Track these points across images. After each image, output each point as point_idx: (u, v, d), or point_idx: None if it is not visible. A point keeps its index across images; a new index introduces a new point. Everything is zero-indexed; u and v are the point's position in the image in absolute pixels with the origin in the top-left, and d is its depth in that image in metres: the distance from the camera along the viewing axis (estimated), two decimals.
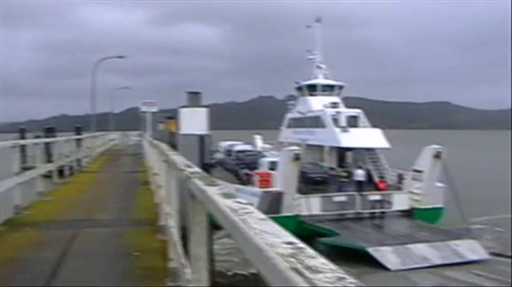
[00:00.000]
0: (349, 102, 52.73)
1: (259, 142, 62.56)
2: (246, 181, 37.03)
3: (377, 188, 35.34)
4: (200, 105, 20.83)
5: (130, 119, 75.67)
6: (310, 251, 1.45)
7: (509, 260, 28.10)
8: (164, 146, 10.13)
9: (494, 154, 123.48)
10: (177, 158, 5.81)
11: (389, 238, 28.99)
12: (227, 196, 2.57)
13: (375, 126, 44.68)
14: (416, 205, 33.73)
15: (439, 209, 33.73)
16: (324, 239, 28.61)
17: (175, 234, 6.58)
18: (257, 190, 32.44)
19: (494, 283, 23.24)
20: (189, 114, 20.42)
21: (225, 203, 2.37)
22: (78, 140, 29.48)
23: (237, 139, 63.06)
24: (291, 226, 27.61)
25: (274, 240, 1.58)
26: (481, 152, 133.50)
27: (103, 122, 71.88)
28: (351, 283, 1.18)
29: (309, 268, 1.27)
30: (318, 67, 53.74)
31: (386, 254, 25.79)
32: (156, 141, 16.49)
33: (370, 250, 26.04)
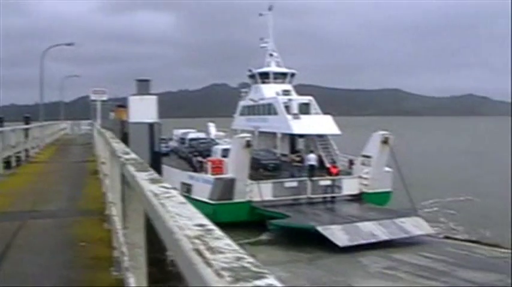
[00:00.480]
0: (302, 90, 53.33)
1: (213, 130, 62.95)
2: (199, 168, 36.99)
3: (329, 173, 35.80)
4: (150, 93, 20.73)
5: (82, 108, 74.47)
6: (218, 232, 1.44)
7: (459, 242, 29.02)
8: (108, 134, 9.97)
9: (443, 140, 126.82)
10: (117, 146, 5.70)
11: (339, 218, 29.81)
12: (154, 181, 2.53)
13: (326, 113, 44.90)
14: (365, 189, 34.55)
15: (387, 193, 34.78)
16: (275, 221, 29.67)
17: (118, 222, 6.48)
18: (210, 176, 32.55)
19: (442, 264, 23.82)
20: (138, 102, 20.20)
21: (149, 187, 2.34)
22: (26, 130, 28.72)
23: (192, 127, 63.12)
24: (243, 211, 30.82)
25: (186, 223, 1.57)
26: (430, 137, 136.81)
27: (54, 111, 70.30)
28: (249, 262, 1.17)
29: (210, 248, 1.27)
30: (271, 55, 53.88)
31: (335, 232, 26.66)
32: (103, 130, 16.19)
33: (320, 229, 26.82)
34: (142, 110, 20.27)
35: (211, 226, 1.52)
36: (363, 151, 36.05)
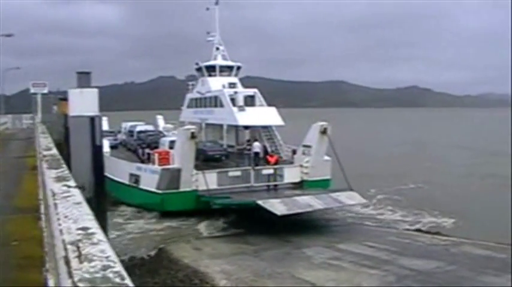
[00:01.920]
0: (249, 82, 54.62)
1: (161, 122, 64.06)
2: (146, 159, 37.78)
3: (267, 162, 36.99)
4: (90, 86, 20.27)
5: (23, 102, 72.26)
6: (98, 237, 1.38)
7: (400, 230, 29.81)
8: (40, 129, 9.69)
9: (385, 130, 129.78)
10: (43, 141, 5.52)
11: (279, 195, 31.59)
12: (60, 179, 2.44)
13: (270, 105, 45.96)
14: (306, 177, 36.02)
15: (327, 180, 36.36)
16: (218, 200, 31.61)
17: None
18: (157, 167, 33.67)
19: (385, 253, 24.30)
20: (79, 95, 19.71)
21: (52, 186, 2.24)
22: None
23: (140, 120, 64.44)
24: (190, 200, 32.17)
25: (70, 226, 1.51)
26: (372, 128, 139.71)
27: None
28: (114, 272, 1.11)
29: (81, 256, 1.20)
30: (217, 49, 54.63)
31: (274, 204, 28.58)
32: (38, 124, 15.76)
33: (260, 202, 28.70)
34: (83, 103, 19.82)
35: (94, 229, 1.46)
36: (303, 141, 37.29)
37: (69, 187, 2.22)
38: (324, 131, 35.39)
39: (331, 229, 30.41)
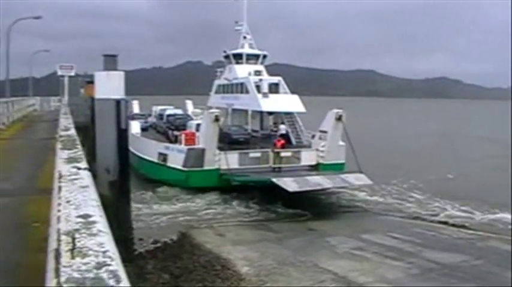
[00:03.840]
0: (276, 69, 57.44)
1: (190, 107, 67.85)
2: (174, 140, 40.84)
3: (275, 145, 38.52)
4: (117, 69, 20.19)
5: (52, 84, 72.93)
6: (98, 227, 1.20)
7: (425, 222, 29.40)
8: (63, 110, 9.61)
9: (410, 121, 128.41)
10: (64, 121, 5.39)
11: (293, 175, 33.62)
12: (71, 160, 2.27)
13: (294, 92, 47.75)
14: (321, 161, 38.43)
15: (341, 164, 38.47)
16: (237, 178, 34.23)
17: None
18: (183, 147, 36.79)
19: (410, 245, 24.02)
20: (105, 78, 19.67)
21: (62, 167, 2.07)
22: None
23: (170, 104, 67.60)
24: (212, 177, 35.17)
25: (71, 212, 1.34)
26: (398, 118, 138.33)
27: (23, 87, 69.04)
28: (110, 271, 0.92)
29: (75, 249, 1.01)
30: (244, 37, 56.66)
31: (287, 182, 31.05)
32: (63, 106, 15.75)
33: (274, 180, 31.39)
34: (109, 86, 19.80)
35: (96, 217, 1.28)
36: (320, 127, 39.66)
37: (79, 168, 2.04)
38: (339, 118, 37.59)
39: (356, 218, 30.19)
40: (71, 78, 45.28)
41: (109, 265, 0.98)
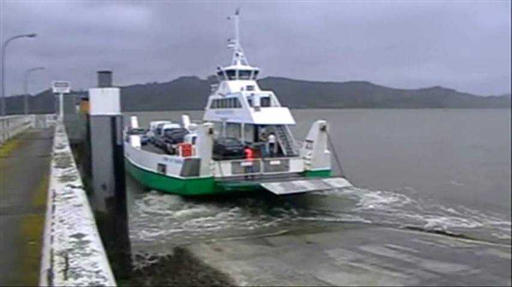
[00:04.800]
0: (271, 82, 59.41)
1: (187, 121, 70.64)
2: (172, 152, 43.91)
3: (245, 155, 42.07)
4: (111, 86, 20.21)
5: (47, 102, 72.96)
6: (92, 246, 1.19)
7: (423, 233, 29.34)
8: (58, 127, 9.60)
9: (400, 131, 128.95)
10: (59, 139, 5.39)
11: (280, 180, 36.93)
12: (65, 179, 2.26)
13: (286, 106, 50.28)
14: (308, 168, 41.36)
15: (327, 171, 41.42)
16: (230, 184, 37.31)
17: None
18: (180, 157, 39.46)
19: (408, 255, 23.96)
20: (100, 95, 19.70)
21: (56, 185, 2.06)
22: None
23: (167, 119, 70.12)
24: (208, 185, 37.93)
25: (64, 231, 1.32)
26: (388, 128, 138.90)
27: (19, 105, 69.11)
28: None
29: (68, 270, 1.00)
30: (237, 55, 59.22)
31: (274, 186, 34.62)
32: (58, 123, 15.74)
33: (263, 184, 35.01)
34: (104, 102, 19.81)
35: (89, 236, 1.27)
36: (307, 137, 42.81)
37: (73, 187, 2.03)
38: (323, 128, 40.97)
39: (354, 230, 30.11)
40: (65, 95, 45.45)
41: (102, 285, 0.97)
